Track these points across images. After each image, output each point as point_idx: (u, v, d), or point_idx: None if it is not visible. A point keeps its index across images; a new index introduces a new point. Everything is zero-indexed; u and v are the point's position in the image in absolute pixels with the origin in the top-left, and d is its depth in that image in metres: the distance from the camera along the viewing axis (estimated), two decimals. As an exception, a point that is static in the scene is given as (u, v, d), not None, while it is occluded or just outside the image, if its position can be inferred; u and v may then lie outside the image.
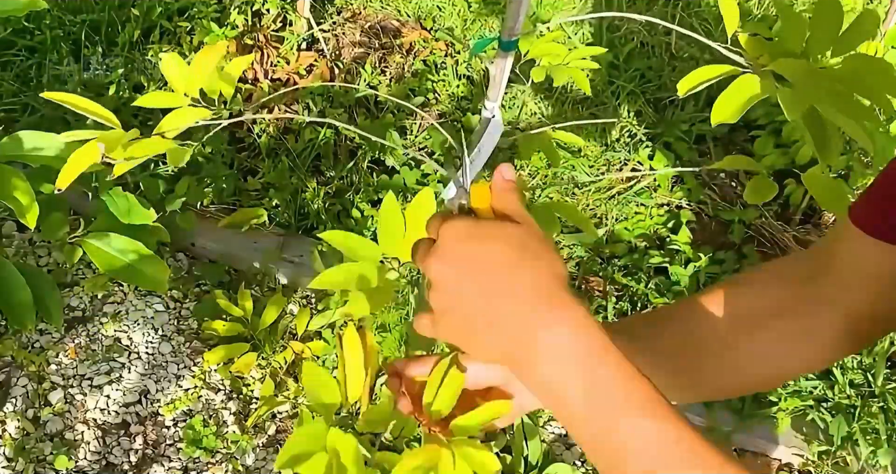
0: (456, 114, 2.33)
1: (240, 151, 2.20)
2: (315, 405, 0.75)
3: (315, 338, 1.87)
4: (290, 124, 2.25)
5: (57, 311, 1.60)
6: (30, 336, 1.83)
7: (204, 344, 1.88)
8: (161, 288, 1.62)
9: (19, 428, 1.69)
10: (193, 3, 2.40)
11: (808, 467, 1.76)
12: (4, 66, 2.26)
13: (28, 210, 1.29)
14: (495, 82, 0.98)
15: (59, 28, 2.32)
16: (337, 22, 2.55)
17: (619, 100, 2.38)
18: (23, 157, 1.41)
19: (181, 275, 1.99)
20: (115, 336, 1.86)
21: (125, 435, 1.72)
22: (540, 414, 1.81)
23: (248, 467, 1.70)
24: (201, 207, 2.05)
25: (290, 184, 2.09)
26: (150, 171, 2.04)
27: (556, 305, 0.50)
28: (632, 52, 2.51)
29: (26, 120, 2.13)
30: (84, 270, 1.97)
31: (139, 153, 0.75)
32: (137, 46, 2.35)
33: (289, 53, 2.41)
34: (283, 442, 1.75)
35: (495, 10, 2.61)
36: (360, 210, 2.06)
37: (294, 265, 1.96)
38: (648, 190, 2.21)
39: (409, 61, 2.46)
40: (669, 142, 2.31)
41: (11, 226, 1.99)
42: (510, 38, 0.92)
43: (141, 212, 1.69)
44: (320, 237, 2.04)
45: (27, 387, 1.75)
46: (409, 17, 2.60)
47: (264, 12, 2.46)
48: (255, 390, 1.81)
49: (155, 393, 1.79)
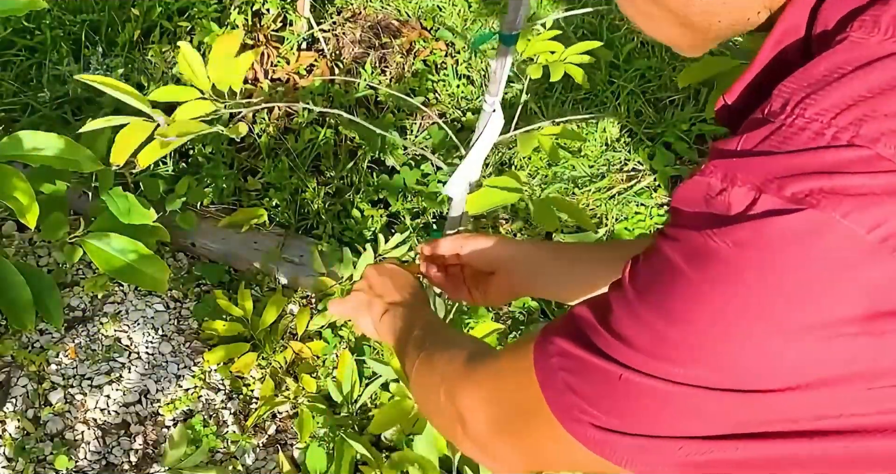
0: (456, 113, 2.33)
1: (240, 151, 2.20)
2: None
3: (315, 338, 1.87)
4: (290, 124, 2.25)
5: (57, 311, 1.60)
6: (30, 336, 1.83)
7: (204, 344, 1.88)
8: (161, 288, 1.62)
9: (19, 428, 1.69)
10: (193, 3, 2.40)
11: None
12: (4, 66, 2.26)
13: (28, 210, 1.29)
14: (496, 77, 0.99)
15: (59, 28, 2.32)
16: (337, 22, 2.55)
17: (619, 99, 2.38)
18: (23, 157, 1.41)
19: (181, 275, 1.99)
20: (115, 336, 1.86)
21: (125, 435, 1.72)
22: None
23: (248, 467, 1.70)
24: (201, 207, 2.05)
25: (290, 184, 2.09)
26: (151, 171, 2.04)
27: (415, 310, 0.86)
28: (632, 52, 2.51)
29: (26, 120, 2.13)
30: (84, 270, 1.97)
31: (191, 129, 0.77)
32: (137, 46, 2.35)
33: (289, 53, 2.41)
34: (283, 442, 1.75)
35: (495, 10, 2.61)
36: (360, 210, 2.06)
37: (294, 265, 1.96)
38: (648, 190, 2.21)
39: (409, 61, 2.46)
40: (669, 143, 2.31)
41: (11, 226, 1.99)
42: (511, 32, 0.92)
43: (141, 212, 1.69)
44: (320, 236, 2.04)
45: (27, 387, 1.75)
46: (410, 17, 2.60)
47: (264, 12, 2.46)
48: (255, 390, 1.81)
49: (155, 393, 1.79)
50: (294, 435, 1.74)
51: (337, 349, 1.84)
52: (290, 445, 1.74)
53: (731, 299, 0.39)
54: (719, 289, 0.39)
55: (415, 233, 2.01)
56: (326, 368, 1.82)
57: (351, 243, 2.02)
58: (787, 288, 0.38)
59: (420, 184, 2.12)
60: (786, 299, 0.38)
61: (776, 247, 0.37)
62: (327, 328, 1.86)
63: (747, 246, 0.38)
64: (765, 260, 0.38)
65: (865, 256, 0.36)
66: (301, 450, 1.72)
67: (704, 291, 0.40)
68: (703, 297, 0.40)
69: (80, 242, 1.61)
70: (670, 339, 0.41)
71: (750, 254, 0.38)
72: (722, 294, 0.39)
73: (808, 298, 0.37)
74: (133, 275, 1.60)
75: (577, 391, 0.46)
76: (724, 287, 0.39)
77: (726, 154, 0.41)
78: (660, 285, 0.43)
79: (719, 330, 0.40)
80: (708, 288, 0.40)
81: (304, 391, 1.76)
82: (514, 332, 1.87)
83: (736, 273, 0.39)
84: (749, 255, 0.38)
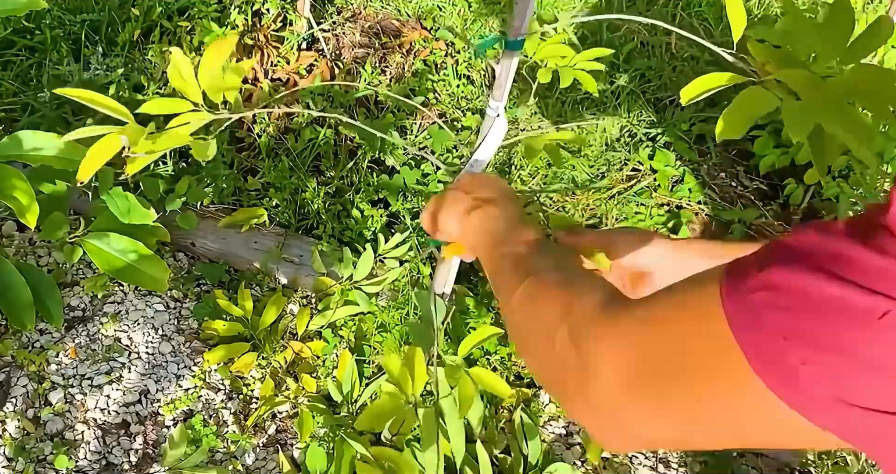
0: (456, 113, 2.33)
1: (240, 151, 2.20)
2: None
3: (315, 338, 1.87)
4: (290, 124, 2.25)
5: (57, 311, 1.61)
6: (30, 336, 1.83)
7: (204, 344, 1.88)
8: (161, 287, 1.62)
9: (19, 428, 1.69)
10: (193, 3, 2.40)
11: (808, 467, 1.76)
12: (4, 66, 2.26)
13: (28, 210, 1.29)
14: (500, 82, 0.98)
15: (59, 28, 2.32)
16: (337, 22, 2.55)
17: (619, 100, 2.38)
18: (23, 157, 1.41)
19: (181, 275, 1.99)
20: (115, 336, 1.86)
21: (125, 435, 1.72)
22: (539, 413, 1.81)
23: (248, 467, 1.70)
24: (201, 207, 2.05)
25: (290, 184, 2.09)
26: (151, 171, 2.04)
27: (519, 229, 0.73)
28: (632, 52, 2.51)
29: (26, 120, 2.13)
30: (84, 270, 1.97)
31: (163, 146, 0.75)
32: (137, 46, 2.35)
33: (289, 53, 2.41)
34: (283, 442, 1.75)
35: (495, 10, 2.61)
36: (360, 210, 2.06)
37: (294, 265, 1.96)
38: (648, 190, 2.21)
39: (410, 61, 2.46)
40: (669, 142, 2.31)
41: (11, 226, 1.99)
42: (516, 37, 0.92)
43: (141, 212, 1.69)
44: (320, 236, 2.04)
45: (27, 387, 1.75)
46: (410, 17, 2.60)
47: (264, 12, 2.45)
48: (255, 390, 1.81)
49: (155, 393, 1.79)
50: (294, 435, 1.74)
51: (337, 349, 1.84)
52: (290, 445, 1.74)
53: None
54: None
55: (415, 233, 2.01)
56: (326, 368, 1.82)
57: (351, 243, 2.02)
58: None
59: (420, 184, 2.12)
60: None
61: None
62: (327, 328, 1.86)
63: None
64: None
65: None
66: (301, 450, 1.72)
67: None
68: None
69: (80, 242, 1.61)
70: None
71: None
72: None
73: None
74: (133, 275, 1.60)
75: (800, 334, 0.36)
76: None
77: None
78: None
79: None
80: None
81: (304, 391, 1.76)
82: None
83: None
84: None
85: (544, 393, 1.83)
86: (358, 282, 1.85)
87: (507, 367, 1.83)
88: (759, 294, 0.37)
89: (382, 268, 1.91)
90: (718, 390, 0.40)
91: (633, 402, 0.46)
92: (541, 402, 1.83)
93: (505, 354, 1.83)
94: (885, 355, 0.33)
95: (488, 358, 1.83)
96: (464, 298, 1.87)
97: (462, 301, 1.86)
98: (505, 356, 1.83)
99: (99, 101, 0.81)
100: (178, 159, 2.11)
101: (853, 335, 0.34)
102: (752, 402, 0.38)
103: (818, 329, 0.35)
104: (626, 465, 1.77)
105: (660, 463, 1.78)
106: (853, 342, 0.34)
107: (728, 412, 0.40)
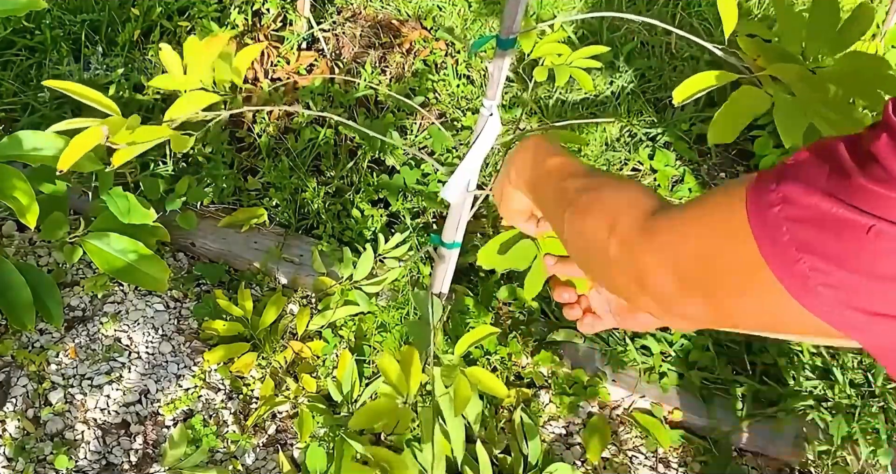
0: (456, 113, 2.33)
1: (240, 151, 2.20)
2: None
3: (315, 338, 1.87)
4: (290, 124, 2.25)
5: (57, 311, 1.61)
6: (30, 336, 1.83)
7: (204, 343, 1.88)
8: (161, 287, 1.62)
9: (19, 427, 1.69)
10: (193, 3, 2.40)
11: (808, 467, 1.76)
12: (4, 66, 2.26)
13: (28, 210, 1.29)
14: (493, 81, 0.99)
15: (59, 28, 2.32)
16: (337, 21, 2.55)
17: (619, 100, 2.38)
18: (23, 157, 1.41)
19: (181, 275, 1.99)
20: (115, 336, 1.86)
21: (125, 435, 1.72)
22: (539, 413, 1.81)
23: (248, 467, 1.70)
24: (201, 207, 2.05)
25: (290, 184, 2.09)
26: (151, 171, 2.04)
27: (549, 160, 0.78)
28: (632, 52, 2.51)
29: (26, 120, 2.13)
30: (84, 270, 1.97)
31: (142, 138, 0.76)
32: (137, 46, 2.35)
33: (289, 53, 2.41)
34: (283, 442, 1.75)
35: (495, 10, 2.61)
36: (360, 210, 2.06)
37: (294, 265, 1.96)
38: (648, 190, 2.21)
39: (409, 61, 2.46)
40: (669, 142, 2.31)
41: (11, 226, 1.99)
42: (508, 36, 0.92)
43: (141, 212, 1.69)
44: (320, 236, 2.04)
45: (27, 387, 1.75)
46: (409, 17, 2.60)
47: (264, 12, 2.46)
48: (255, 390, 1.81)
49: (155, 393, 1.79)
50: (294, 435, 1.74)
51: (337, 349, 1.84)
52: (290, 445, 1.74)
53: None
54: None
55: (415, 233, 2.01)
56: (326, 368, 1.82)
57: (351, 243, 2.02)
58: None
59: (420, 184, 2.12)
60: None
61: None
62: (327, 328, 1.86)
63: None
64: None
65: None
66: (301, 450, 1.72)
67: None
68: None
69: (80, 242, 1.61)
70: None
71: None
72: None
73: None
74: (133, 275, 1.60)
75: (809, 246, 0.41)
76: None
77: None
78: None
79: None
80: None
81: (304, 391, 1.76)
82: (513, 332, 1.87)
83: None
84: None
85: (544, 393, 1.84)
86: (358, 281, 1.85)
87: (507, 367, 1.83)
88: (775, 208, 0.43)
89: (382, 267, 1.91)
90: (752, 294, 0.46)
91: (689, 300, 0.53)
92: (541, 402, 1.83)
93: (505, 354, 1.83)
94: (871, 263, 0.39)
95: (488, 357, 1.83)
96: (463, 298, 1.87)
97: (462, 300, 1.86)
98: (505, 356, 1.83)
99: (86, 93, 0.82)
100: (179, 159, 2.11)
101: (846, 246, 0.39)
102: (780, 303, 0.43)
103: (819, 241, 0.41)
104: (626, 465, 1.77)
105: (660, 463, 1.78)
106: (846, 252, 0.39)
107: (765, 310, 0.46)
